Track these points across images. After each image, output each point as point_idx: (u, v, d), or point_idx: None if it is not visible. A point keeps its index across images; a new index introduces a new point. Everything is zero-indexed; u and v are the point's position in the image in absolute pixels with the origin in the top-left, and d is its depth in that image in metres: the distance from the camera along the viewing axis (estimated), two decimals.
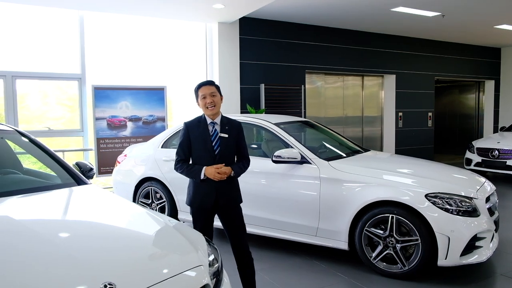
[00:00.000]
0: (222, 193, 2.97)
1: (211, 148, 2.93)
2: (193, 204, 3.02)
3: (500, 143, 8.36)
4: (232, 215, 3.04)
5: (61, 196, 2.64)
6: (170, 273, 1.85)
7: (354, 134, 10.22)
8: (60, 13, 6.89)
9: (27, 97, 6.96)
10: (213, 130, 2.97)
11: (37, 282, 1.61)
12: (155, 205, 5.06)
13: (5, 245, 1.89)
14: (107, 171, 6.87)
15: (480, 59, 12.09)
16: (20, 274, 1.65)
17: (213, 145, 2.94)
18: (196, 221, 3.03)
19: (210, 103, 2.91)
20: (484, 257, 3.56)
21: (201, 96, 2.95)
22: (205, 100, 2.93)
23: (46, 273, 1.68)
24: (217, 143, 2.94)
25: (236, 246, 3.05)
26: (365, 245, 3.77)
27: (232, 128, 3.01)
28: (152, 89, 7.29)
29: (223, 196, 2.98)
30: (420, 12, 7.99)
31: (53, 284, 1.62)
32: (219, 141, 2.95)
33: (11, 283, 1.58)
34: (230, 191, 3.02)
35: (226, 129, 2.98)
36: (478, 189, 3.80)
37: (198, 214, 3.02)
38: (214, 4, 6.59)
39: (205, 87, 2.96)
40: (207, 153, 2.94)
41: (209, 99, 2.91)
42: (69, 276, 1.67)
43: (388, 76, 10.52)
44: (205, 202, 2.97)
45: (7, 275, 1.62)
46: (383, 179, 3.82)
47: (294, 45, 8.86)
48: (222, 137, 2.95)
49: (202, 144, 2.95)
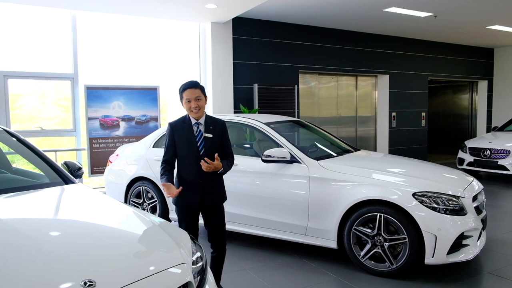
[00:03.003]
0: (208, 192, 3.01)
1: (196, 149, 2.98)
2: (178, 203, 3.05)
3: (492, 143, 8.42)
4: (215, 212, 3.10)
5: (48, 195, 2.65)
6: (152, 271, 1.86)
7: (348, 134, 10.26)
8: (52, 13, 6.88)
9: (21, 96, 6.95)
10: (198, 130, 3.01)
11: (16, 278, 1.62)
12: (146, 204, 5.07)
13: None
14: (100, 171, 6.87)
15: (473, 60, 12.16)
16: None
17: (198, 146, 2.98)
18: (181, 220, 3.07)
19: (195, 108, 2.95)
20: (471, 255, 3.59)
21: (186, 99, 2.97)
22: (190, 104, 2.95)
23: (26, 269, 1.69)
24: (202, 144, 2.99)
25: (215, 239, 3.12)
26: (354, 243, 3.79)
27: (216, 127, 3.05)
28: (145, 89, 7.29)
29: (209, 195, 3.02)
30: (413, 13, 8.03)
31: (33, 281, 1.63)
32: (204, 141, 2.99)
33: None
34: (216, 189, 3.07)
35: (211, 129, 3.02)
36: (466, 188, 3.83)
37: (183, 212, 3.06)
38: (207, 4, 6.60)
39: (190, 90, 2.96)
40: (192, 153, 2.98)
41: (194, 103, 2.94)
42: (49, 273, 1.68)
43: (381, 76, 10.56)
44: (191, 201, 3.00)
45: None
46: (372, 178, 3.85)
47: (288, 45, 8.88)
48: (206, 137, 2.99)
49: (187, 144, 2.99)
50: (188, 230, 2.68)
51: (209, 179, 2.99)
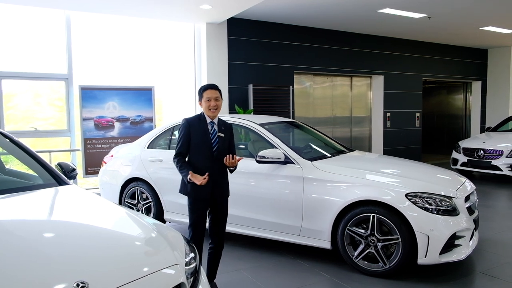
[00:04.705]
0: (218, 184, 3.23)
1: (210, 145, 3.20)
2: (191, 195, 3.20)
3: (485, 143, 8.48)
4: (222, 206, 3.31)
5: (41, 197, 2.64)
6: (145, 272, 1.87)
7: (342, 134, 10.30)
8: (46, 13, 6.86)
9: (15, 96, 6.92)
10: (213, 129, 3.25)
11: (8, 279, 1.62)
12: (141, 205, 5.07)
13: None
14: (94, 171, 6.85)
15: (467, 60, 12.24)
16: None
17: (211, 142, 3.21)
18: (194, 211, 3.23)
19: (213, 106, 3.21)
20: (463, 255, 3.63)
21: (206, 98, 3.21)
22: (209, 102, 3.20)
23: (18, 271, 1.69)
24: (215, 141, 3.22)
25: (216, 233, 3.32)
26: (347, 244, 3.81)
27: (226, 129, 3.33)
28: (140, 90, 7.28)
29: (218, 188, 3.24)
30: (407, 14, 8.07)
31: (26, 282, 1.63)
32: (217, 139, 3.23)
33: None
34: (224, 183, 3.30)
35: (222, 129, 3.30)
36: (458, 189, 3.86)
37: (195, 204, 3.22)
38: (202, 4, 6.61)
39: (211, 91, 3.23)
40: (206, 148, 3.19)
41: (213, 102, 3.20)
42: (42, 275, 1.68)
43: (376, 77, 10.61)
44: (204, 193, 3.17)
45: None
46: (366, 179, 3.87)
47: (283, 46, 8.91)
48: (220, 136, 3.25)
49: (202, 140, 3.20)
50: (198, 221, 3.14)
51: (218, 174, 3.22)
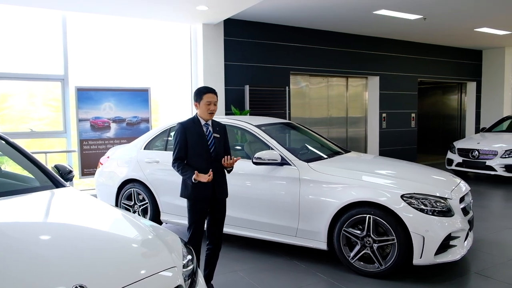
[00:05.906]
0: (218, 185, 3.27)
1: (207, 147, 3.24)
2: (190, 197, 3.23)
3: (480, 144, 8.54)
4: (221, 207, 3.35)
5: (38, 199, 2.64)
6: (143, 274, 1.88)
7: (338, 134, 10.33)
8: (42, 14, 6.84)
9: (10, 97, 6.89)
10: (208, 131, 3.29)
11: (6, 283, 1.62)
12: (137, 206, 5.07)
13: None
14: (90, 172, 6.84)
15: (462, 61, 12.31)
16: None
17: (208, 144, 3.26)
18: (194, 212, 3.25)
19: (213, 110, 3.27)
20: (458, 255, 3.66)
21: (207, 101, 3.24)
22: (209, 106, 3.25)
23: (16, 274, 1.69)
24: (212, 142, 3.27)
25: (215, 234, 3.36)
26: (343, 245, 3.84)
27: (220, 129, 3.38)
28: (136, 90, 7.28)
29: (219, 188, 3.28)
30: (402, 15, 8.12)
31: (24, 285, 1.63)
32: (214, 140, 3.28)
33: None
34: (222, 184, 3.34)
35: (217, 130, 3.34)
36: (453, 190, 3.89)
37: (196, 205, 3.25)
38: (198, 6, 6.61)
39: (212, 95, 3.27)
40: (204, 150, 3.23)
41: (213, 107, 3.27)
42: (40, 278, 1.69)
43: (372, 78, 10.66)
44: (204, 193, 3.21)
45: None
46: (362, 180, 3.90)
47: (279, 47, 8.92)
48: (216, 137, 3.29)
49: (200, 143, 3.24)
50: (198, 222, 3.19)
51: (218, 175, 3.24)
